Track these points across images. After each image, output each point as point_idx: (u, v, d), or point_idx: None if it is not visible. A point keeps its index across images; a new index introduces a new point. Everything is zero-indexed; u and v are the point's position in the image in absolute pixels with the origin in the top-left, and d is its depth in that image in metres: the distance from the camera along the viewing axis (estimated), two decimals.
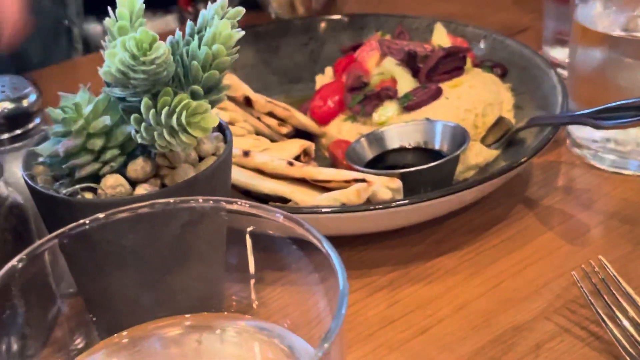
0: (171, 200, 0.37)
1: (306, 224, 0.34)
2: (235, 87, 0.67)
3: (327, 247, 0.33)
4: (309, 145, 0.67)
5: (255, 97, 0.68)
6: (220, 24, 0.45)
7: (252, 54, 0.82)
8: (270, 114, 0.69)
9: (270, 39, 0.83)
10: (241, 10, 0.47)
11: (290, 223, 0.35)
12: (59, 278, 0.37)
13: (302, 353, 0.35)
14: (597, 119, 0.59)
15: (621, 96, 0.61)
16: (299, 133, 0.71)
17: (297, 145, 0.67)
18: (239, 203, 0.36)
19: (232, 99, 0.67)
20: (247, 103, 0.68)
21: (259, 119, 0.69)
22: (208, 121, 0.43)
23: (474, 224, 0.63)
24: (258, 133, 0.68)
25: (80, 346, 0.38)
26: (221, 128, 0.50)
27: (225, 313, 0.39)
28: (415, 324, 0.54)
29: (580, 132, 0.70)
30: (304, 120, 0.70)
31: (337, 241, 0.35)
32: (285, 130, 0.70)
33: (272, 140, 0.69)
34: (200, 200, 0.37)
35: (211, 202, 0.37)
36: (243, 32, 0.46)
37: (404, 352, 0.52)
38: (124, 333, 0.38)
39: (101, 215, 0.36)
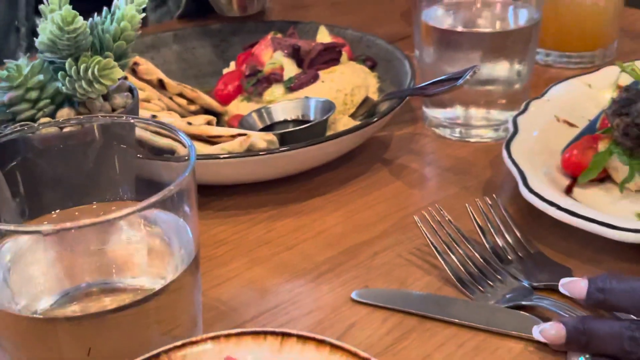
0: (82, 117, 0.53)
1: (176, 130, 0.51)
2: (150, 72, 0.83)
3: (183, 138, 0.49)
4: (212, 119, 0.84)
5: (167, 80, 0.84)
6: (127, 7, 0.62)
7: (173, 53, 0.99)
8: (181, 95, 0.85)
9: (188, 41, 1.00)
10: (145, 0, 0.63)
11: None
12: None
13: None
14: (428, 90, 0.77)
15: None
16: (206, 112, 0.87)
17: (203, 119, 0.83)
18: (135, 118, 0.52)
19: (148, 81, 0.83)
20: (161, 85, 0.84)
21: (171, 99, 0.85)
22: (115, 74, 0.59)
23: (339, 177, 0.80)
24: (170, 110, 0.85)
25: None
26: (131, 89, 0.66)
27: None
28: (284, 243, 0.71)
29: (434, 113, 0.88)
30: (209, 101, 0.87)
31: (230, 188, 0.51)
32: (193, 108, 0.86)
33: (182, 116, 0.85)
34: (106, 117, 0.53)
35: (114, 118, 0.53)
36: (144, 14, 0.62)
37: (275, 262, 0.68)
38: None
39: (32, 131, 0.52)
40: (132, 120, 0.55)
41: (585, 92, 0.85)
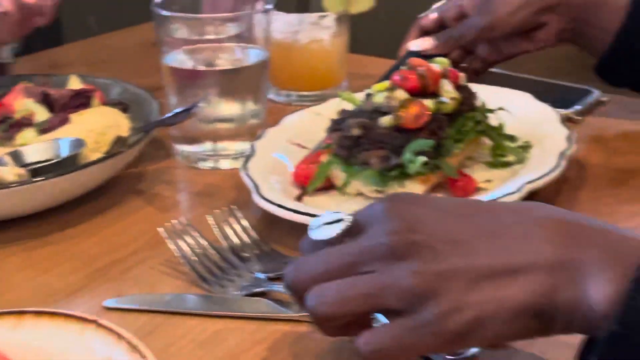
0: None
1: None
2: None
3: None
4: None
5: None
6: None
7: None
8: None
9: None
10: None
11: None
12: None
13: None
14: (168, 121, 0.86)
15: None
16: None
17: None
18: None
19: None
20: None
21: None
22: None
23: (96, 208, 0.85)
24: None
25: None
26: None
27: None
28: (41, 268, 0.74)
29: (185, 148, 0.96)
30: None
31: None
32: None
33: None
34: None
35: None
36: None
37: (31, 285, 0.72)
38: None
39: None
40: None
41: (314, 120, 0.96)
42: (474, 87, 0.93)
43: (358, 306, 0.49)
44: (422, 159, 0.77)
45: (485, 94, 0.93)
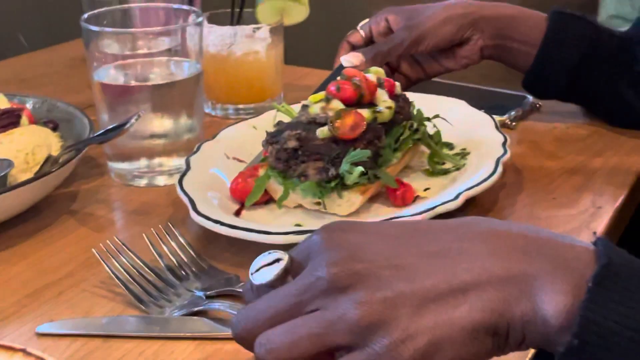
0: None
1: None
2: None
3: None
4: None
5: None
6: None
7: None
8: None
9: None
10: None
11: None
12: None
13: None
14: (99, 139, 0.84)
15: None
16: None
17: None
18: None
19: None
20: None
21: None
22: None
23: (27, 230, 0.82)
24: None
25: None
26: None
27: None
28: None
29: (119, 165, 0.93)
30: None
31: None
32: None
33: None
34: None
35: None
36: None
37: None
38: None
39: None
40: None
41: (251, 133, 0.95)
42: (410, 95, 0.93)
43: (307, 349, 0.47)
44: (360, 169, 0.77)
45: (421, 102, 0.93)
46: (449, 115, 0.93)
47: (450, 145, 0.94)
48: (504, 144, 0.88)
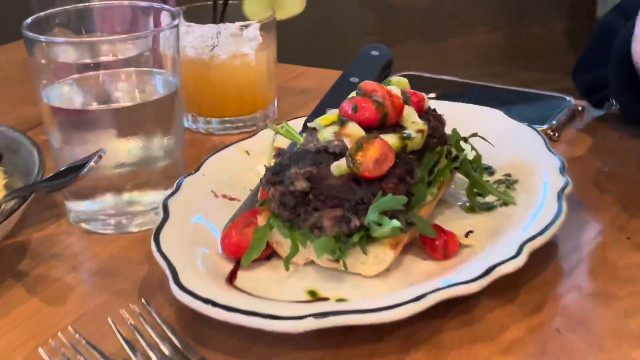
0: None
1: None
2: None
3: None
4: None
5: None
6: None
7: None
8: None
9: None
10: None
11: None
12: None
13: None
14: (51, 185, 0.65)
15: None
16: None
17: None
18: None
19: None
20: None
21: None
22: None
23: None
24: None
25: None
26: None
27: None
28: None
29: (78, 206, 0.75)
30: None
31: None
32: None
33: None
34: None
35: None
36: None
37: None
38: None
39: None
40: None
41: (243, 160, 0.77)
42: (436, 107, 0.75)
43: None
44: (394, 224, 0.58)
45: (448, 114, 0.75)
46: (483, 130, 0.75)
47: (489, 170, 0.76)
48: (562, 170, 0.70)
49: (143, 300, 0.58)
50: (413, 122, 0.67)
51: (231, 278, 0.62)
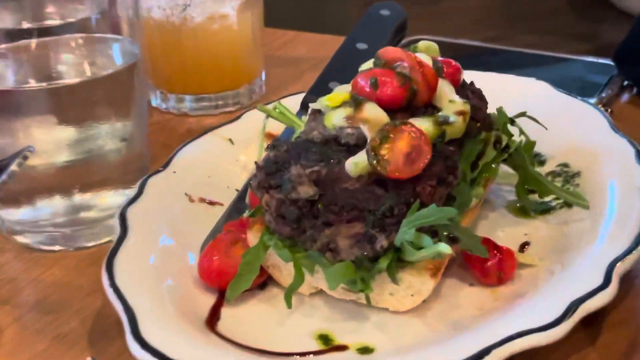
0: None
1: None
2: None
3: None
4: None
5: None
6: None
7: None
8: None
9: None
10: None
11: None
12: None
13: None
14: None
15: None
16: None
17: None
18: None
19: None
20: None
21: None
22: None
23: None
24: None
25: None
26: None
27: None
28: None
29: (12, 215, 0.58)
30: None
31: None
32: None
33: None
34: None
35: None
36: None
37: None
38: None
39: None
40: None
41: (225, 151, 0.61)
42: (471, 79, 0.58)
43: None
44: (442, 247, 0.42)
45: (483, 86, 0.58)
46: (527, 107, 0.59)
47: (538, 158, 0.60)
48: (637, 155, 0.54)
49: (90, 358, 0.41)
50: (450, 100, 0.51)
51: (212, 319, 0.46)
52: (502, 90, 0.63)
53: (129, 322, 0.42)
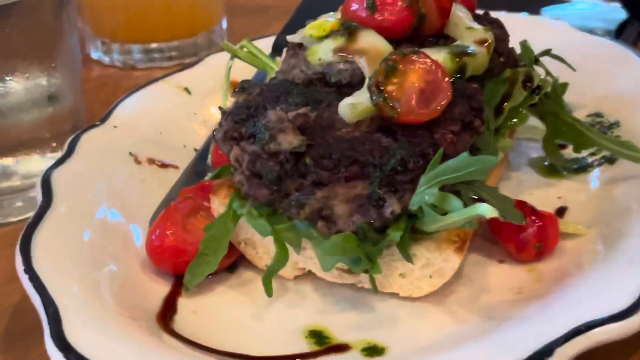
0: None
1: None
2: None
3: None
4: None
5: None
6: None
7: None
8: None
9: None
10: None
11: None
12: None
13: None
14: None
15: None
16: None
17: None
18: None
19: None
20: None
21: None
22: None
23: None
24: None
25: None
26: None
27: None
28: None
29: None
30: None
31: None
32: None
33: None
34: None
35: None
36: None
37: None
38: None
39: None
40: None
41: (181, 103, 0.49)
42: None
43: None
44: (484, 210, 0.31)
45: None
46: (547, 46, 0.49)
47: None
48: None
49: None
50: (468, 28, 0.40)
51: (165, 314, 0.35)
52: (516, 31, 0.53)
53: (50, 320, 0.30)
